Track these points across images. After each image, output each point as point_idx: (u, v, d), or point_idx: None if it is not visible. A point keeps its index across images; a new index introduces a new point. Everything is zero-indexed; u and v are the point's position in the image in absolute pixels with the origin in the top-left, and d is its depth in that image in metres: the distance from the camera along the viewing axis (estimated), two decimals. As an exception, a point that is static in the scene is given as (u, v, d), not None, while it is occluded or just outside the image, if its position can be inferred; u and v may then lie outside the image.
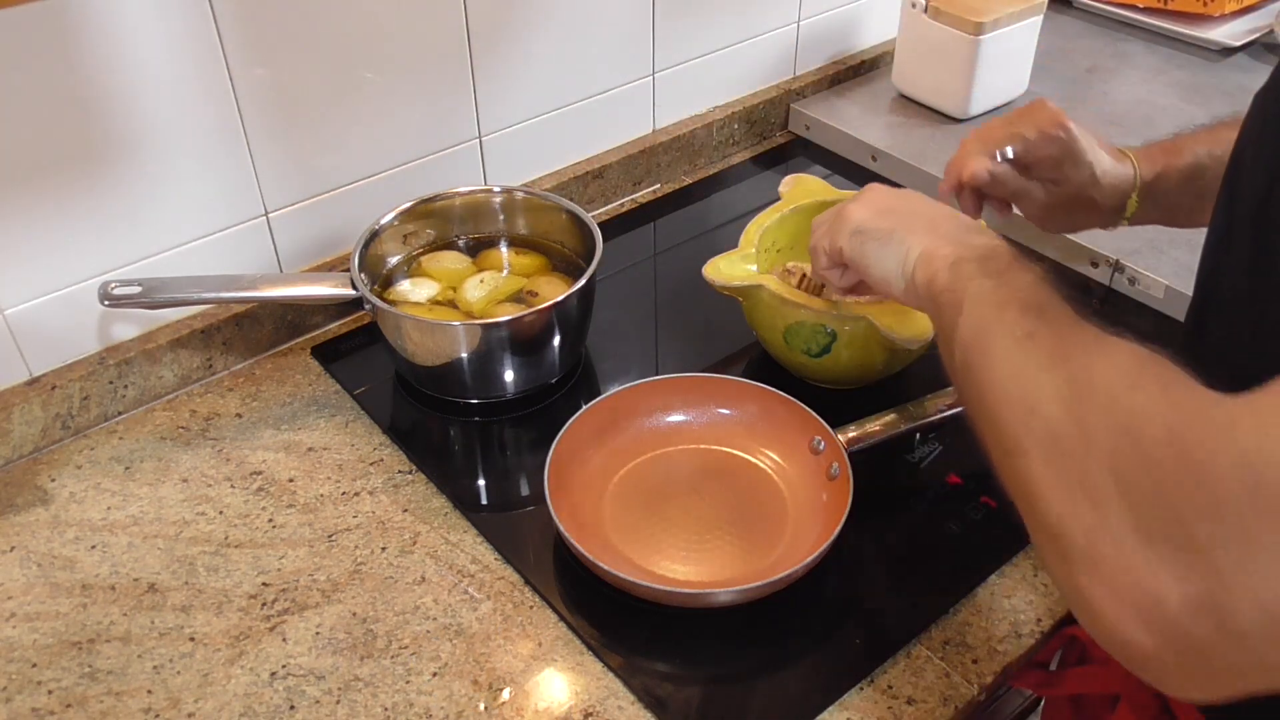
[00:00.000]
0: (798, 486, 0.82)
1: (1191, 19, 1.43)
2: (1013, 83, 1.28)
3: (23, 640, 0.73)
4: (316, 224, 0.99)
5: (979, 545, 0.79)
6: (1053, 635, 0.74)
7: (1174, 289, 0.98)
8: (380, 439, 0.89)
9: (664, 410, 0.86)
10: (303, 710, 0.68)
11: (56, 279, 0.86)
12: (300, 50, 0.89)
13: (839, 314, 0.83)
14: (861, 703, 0.69)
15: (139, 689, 0.70)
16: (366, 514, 0.82)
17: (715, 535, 0.79)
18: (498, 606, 0.75)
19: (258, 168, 0.92)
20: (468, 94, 1.03)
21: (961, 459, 0.85)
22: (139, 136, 0.84)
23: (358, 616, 0.74)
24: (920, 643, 0.73)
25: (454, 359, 0.88)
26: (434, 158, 1.04)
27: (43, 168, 0.81)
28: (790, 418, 0.83)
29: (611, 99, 1.15)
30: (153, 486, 0.84)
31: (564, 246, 0.99)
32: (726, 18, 1.20)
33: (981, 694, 0.70)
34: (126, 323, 0.91)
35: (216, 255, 0.94)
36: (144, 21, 0.80)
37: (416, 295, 0.94)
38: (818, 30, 1.32)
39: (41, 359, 0.88)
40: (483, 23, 1.00)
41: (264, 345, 0.98)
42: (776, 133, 1.32)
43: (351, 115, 0.96)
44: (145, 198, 0.87)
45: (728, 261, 0.89)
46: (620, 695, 0.69)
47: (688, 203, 1.21)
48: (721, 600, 0.73)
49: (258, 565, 0.78)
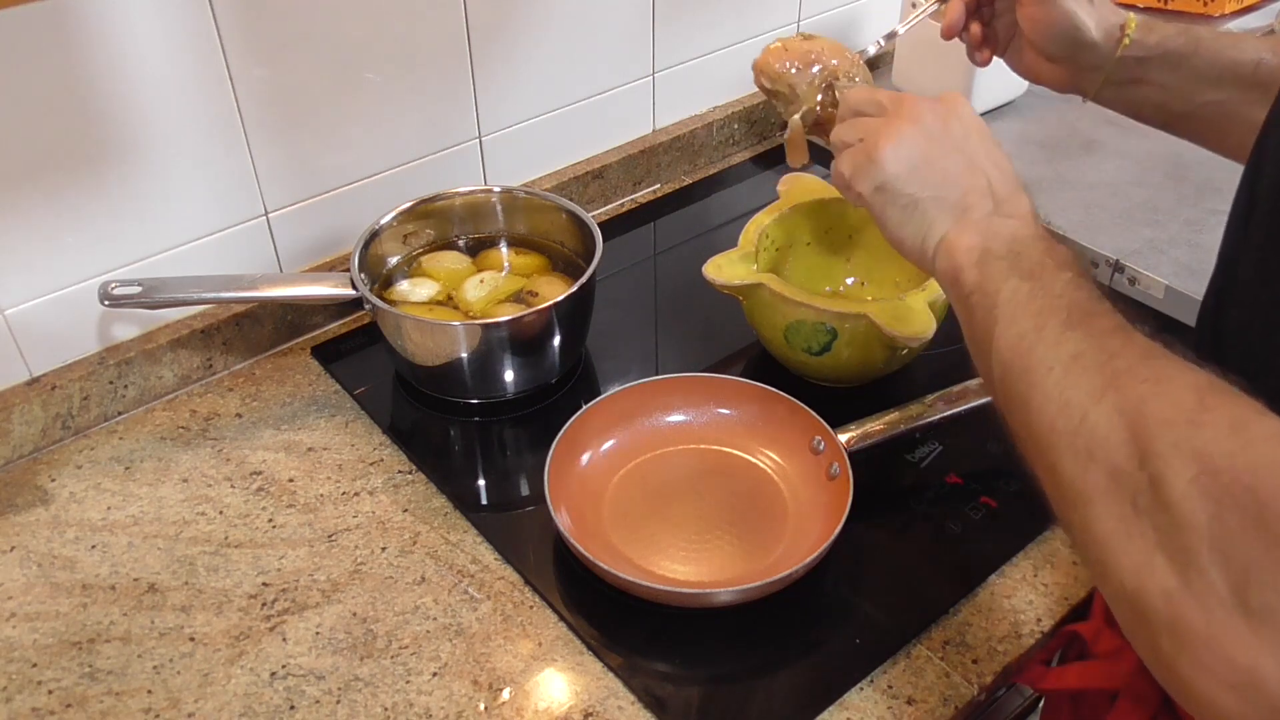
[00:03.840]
0: (798, 486, 0.82)
1: (1191, 19, 1.43)
2: (1013, 83, 1.27)
3: (23, 640, 0.73)
4: (316, 224, 0.99)
5: (979, 545, 0.79)
6: (1053, 635, 0.74)
7: (1174, 289, 0.98)
8: (380, 439, 0.89)
9: (664, 410, 0.86)
10: (303, 710, 0.68)
11: (56, 279, 0.86)
12: (300, 50, 0.89)
13: (840, 312, 0.83)
14: (861, 703, 0.69)
15: (139, 689, 0.70)
16: (366, 514, 0.82)
17: (715, 535, 0.79)
18: (498, 606, 0.75)
19: (257, 167, 0.92)
20: (468, 94, 1.03)
21: (961, 459, 0.85)
22: (139, 136, 0.84)
23: (358, 616, 0.74)
24: (920, 643, 0.73)
25: (454, 359, 0.88)
26: (434, 158, 1.04)
27: (43, 168, 0.81)
28: (790, 418, 0.83)
29: (611, 99, 1.15)
30: (153, 486, 0.84)
31: (564, 246, 0.99)
32: (726, 18, 1.20)
33: (981, 694, 0.70)
34: (126, 323, 0.91)
35: (216, 255, 0.94)
36: (144, 21, 0.80)
37: (416, 295, 0.94)
38: (818, 30, 1.32)
39: (41, 359, 0.88)
40: (483, 23, 1.00)
41: (264, 345, 0.98)
42: (776, 133, 1.32)
43: (351, 115, 0.96)
44: (145, 198, 0.87)
45: (728, 261, 0.89)
46: (620, 695, 0.69)
47: (688, 203, 1.20)
48: (721, 600, 0.73)
49: (258, 565, 0.78)
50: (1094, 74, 0.77)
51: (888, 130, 0.63)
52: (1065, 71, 0.78)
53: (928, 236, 0.61)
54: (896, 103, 0.65)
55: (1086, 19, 0.75)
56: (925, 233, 0.61)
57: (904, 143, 0.62)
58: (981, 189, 0.61)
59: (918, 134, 0.63)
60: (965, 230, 0.59)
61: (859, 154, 0.64)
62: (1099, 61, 0.76)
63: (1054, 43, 0.77)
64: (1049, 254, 0.55)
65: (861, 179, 0.64)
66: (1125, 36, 0.75)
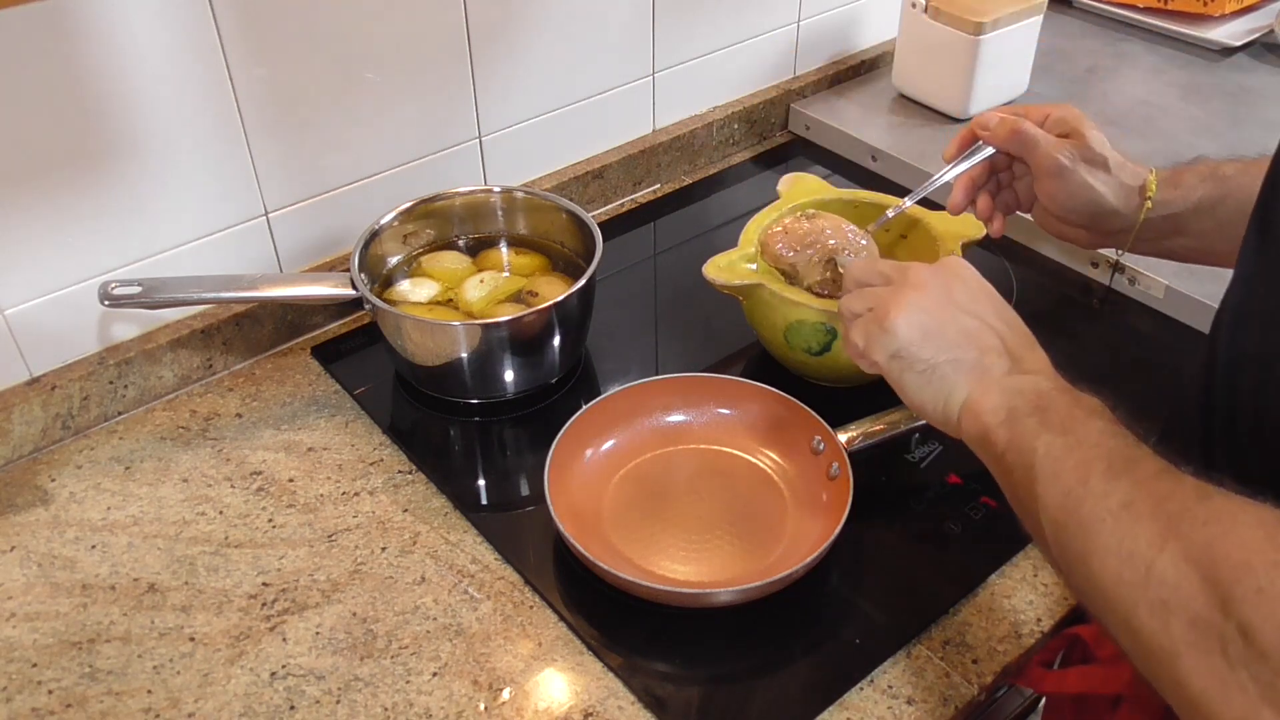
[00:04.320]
0: (798, 486, 0.82)
1: (1191, 19, 1.43)
2: (1013, 83, 1.28)
3: (23, 640, 0.73)
4: (316, 224, 0.99)
5: (979, 545, 0.79)
6: (1053, 635, 0.74)
7: (1174, 289, 0.98)
8: (380, 439, 0.89)
9: (664, 410, 0.86)
10: (303, 710, 0.68)
11: (56, 279, 0.86)
12: (300, 50, 0.89)
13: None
14: (861, 703, 0.69)
15: (139, 689, 0.70)
16: (366, 514, 0.82)
17: (715, 535, 0.79)
18: (498, 606, 0.75)
19: (258, 167, 0.92)
20: (468, 94, 1.03)
21: (961, 459, 0.85)
22: (139, 136, 0.84)
23: (358, 616, 0.74)
24: (920, 643, 0.73)
25: (454, 359, 0.88)
26: (434, 158, 1.04)
27: (43, 168, 0.81)
28: (790, 418, 0.83)
29: (611, 99, 1.15)
30: (153, 486, 0.84)
31: (564, 246, 0.99)
32: (726, 18, 1.20)
33: (981, 694, 0.70)
34: (126, 323, 0.91)
35: (216, 255, 0.94)
36: (144, 21, 0.80)
37: (416, 295, 0.94)
38: (818, 30, 1.32)
39: (41, 359, 0.88)
40: (483, 23, 1.00)
41: (264, 345, 0.98)
42: (776, 133, 1.32)
43: (351, 115, 0.96)
44: (145, 198, 0.87)
45: (728, 261, 0.89)
46: (620, 695, 0.69)
47: (688, 203, 1.21)
48: (721, 600, 0.73)
49: (258, 565, 0.78)
50: (1122, 235, 0.77)
51: (896, 299, 0.63)
52: (1090, 236, 0.78)
53: (949, 400, 0.61)
54: (900, 271, 0.66)
55: (1104, 189, 0.74)
56: (947, 397, 0.61)
57: (913, 309, 0.63)
58: (997, 348, 0.61)
59: (925, 300, 0.63)
60: (988, 391, 0.59)
61: (870, 324, 0.64)
62: (1125, 225, 0.76)
63: (1074, 214, 0.77)
64: (1076, 405, 0.55)
65: (876, 348, 0.64)
66: (1147, 200, 0.74)
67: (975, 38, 1.18)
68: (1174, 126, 1.23)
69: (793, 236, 0.87)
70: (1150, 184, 0.76)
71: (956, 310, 0.63)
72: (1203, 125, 1.22)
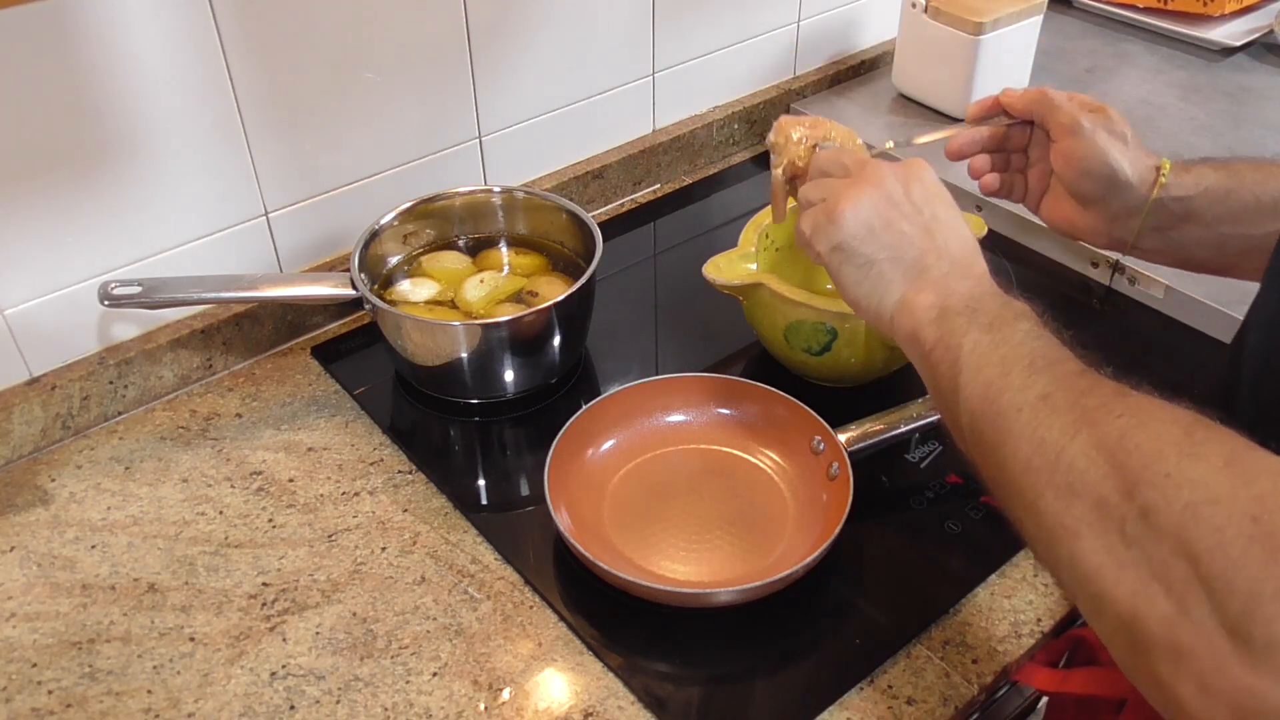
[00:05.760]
0: (798, 486, 0.82)
1: (1191, 19, 1.43)
2: (1013, 83, 1.27)
3: (23, 640, 0.73)
4: (316, 224, 0.99)
5: (979, 545, 0.79)
6: (1053, 635, 0.74)
7: (1174, 289, 0.98)
8: (380, 439, 0.89)
9: (664, 410, 0.86)
10: (303, 710, 0.68)
11: (56, 279, 0.86)
12: (300, 50, 0.89)
13: (840, 312, 0.83)
14: (861, 703, 0.69)
15: (139, 689, 0.70)
16: (366, 514, 0.82)
17: (715, 535, 0.79)
18: (498, 606, 0.75)
19: (258, 168, 0.92)
20: (468, 94, 1.03)
21: (961, 459, 0.85)
22: (139, 136, 0.84)
23: (358, 616, 0.74)
24: (920, 643, 0.73)
25: (454, 359, 0.88)
26: (434, 158, 1.04)
27: (43, 168, 0.81)
28: (790, 418, 0.83)
29: (611, 99, 1.15)
30: (153, 486, 0.84)
31: (564, 246, 0.99)
32: (726, 18, 1.20)
33: (981, 694, 0.70)
34: (126, 323, 0.91)
35: (216, 255, 0.94)
36: (144, 21, 0.80)
37: (416, 295, 0.94)
38: (818, 30, 1.32)
39: (41, 359, 0.88)
40: (483, 23, 1.00)
41: (264, 345, 0.98)
42: (775, 133, 1.32)
43: (351, 115, 0.96)
44: (145, 198, 0.87)
45: (727, 261, 0.89)
46: (620, 695, 0.69)
47: (688, 203, 1.21)
48: (721, 600, 0.73)
49: (258, 565, 0.78)
50: (1131, 220, 0.75)
51: (849, 192, 0.64)
52: (1101, 218, 0.76)
53: (885, 297, 0.62)
54: (860, 165, 0.66)
55: (1120, 159, 0.74)
56: (882, 293, 0.62)
57: (863, 205, 0.63)
58: (938, 250, 0.62)
59: (878, 196, 0.64)
60: (922, 289, 0.60)
61: (819, 213, 0.65)
62: (1135, 205, 0.74)
63: (1088, 180, 0.75)
64: (1006, 307, 0.57)
65: (820, 238, 0.65)
66: (1160, 178, 0.73)
67: (975, 38, 1.18)
68: (1174, 126, 1.23)
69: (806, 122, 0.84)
70: (1165, 164, 0.75)
71: (906, 211, 0.63)
72: (1203, 125, 1.22)
